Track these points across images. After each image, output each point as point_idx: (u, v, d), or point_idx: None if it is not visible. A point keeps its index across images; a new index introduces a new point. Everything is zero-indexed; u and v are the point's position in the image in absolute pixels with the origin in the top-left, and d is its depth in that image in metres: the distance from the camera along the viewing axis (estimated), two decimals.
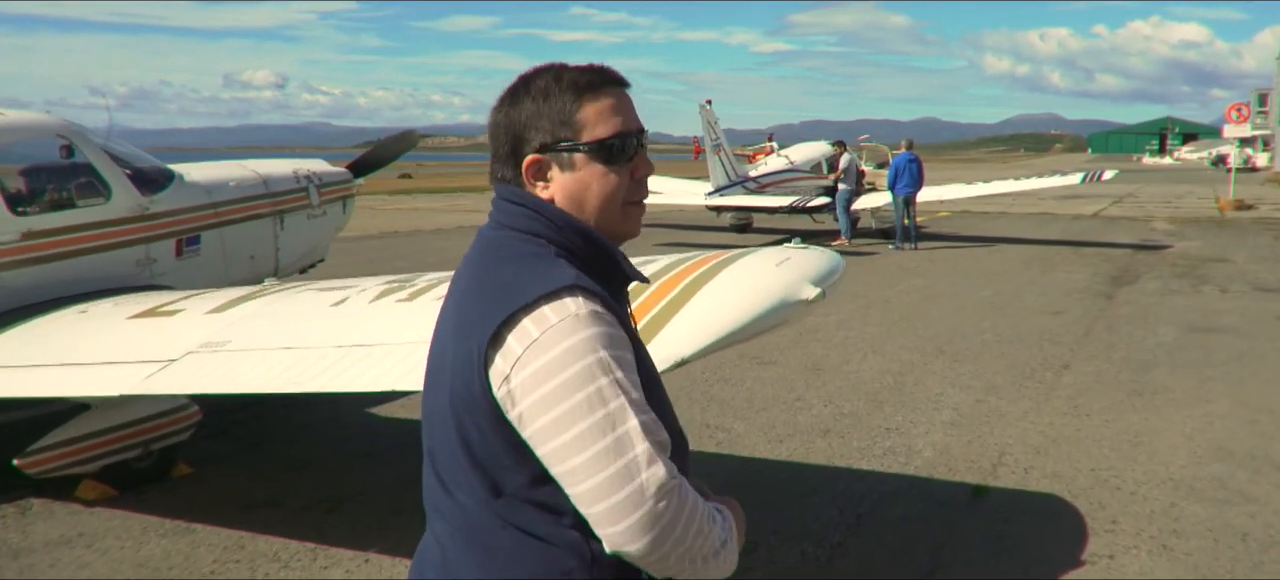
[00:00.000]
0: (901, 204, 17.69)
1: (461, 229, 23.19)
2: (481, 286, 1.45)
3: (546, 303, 1.35)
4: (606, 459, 1.31)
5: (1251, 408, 6.82)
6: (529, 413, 1.34)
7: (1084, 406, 6.89)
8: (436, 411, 1.48)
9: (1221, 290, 12.61)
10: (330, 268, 14.77)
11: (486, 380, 1.37)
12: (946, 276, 13.99)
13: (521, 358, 1.33)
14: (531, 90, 1.51)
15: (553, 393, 1.32)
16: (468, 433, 1.41)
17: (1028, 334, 9.56)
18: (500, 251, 1.49)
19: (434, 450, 1.51)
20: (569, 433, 1.32)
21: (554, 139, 1.48)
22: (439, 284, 4.18)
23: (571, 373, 1.32)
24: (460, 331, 1.43)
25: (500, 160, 1.54)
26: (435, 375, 1.51)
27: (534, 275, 1.39)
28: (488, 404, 1.37)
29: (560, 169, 1.49)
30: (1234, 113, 29.32)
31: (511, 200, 1.52)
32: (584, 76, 1.51)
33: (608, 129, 1.49)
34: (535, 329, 1.34)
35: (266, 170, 7.49)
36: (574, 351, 1.32)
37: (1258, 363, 8.23)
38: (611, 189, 1.50)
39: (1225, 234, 20.72)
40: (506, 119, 1.51)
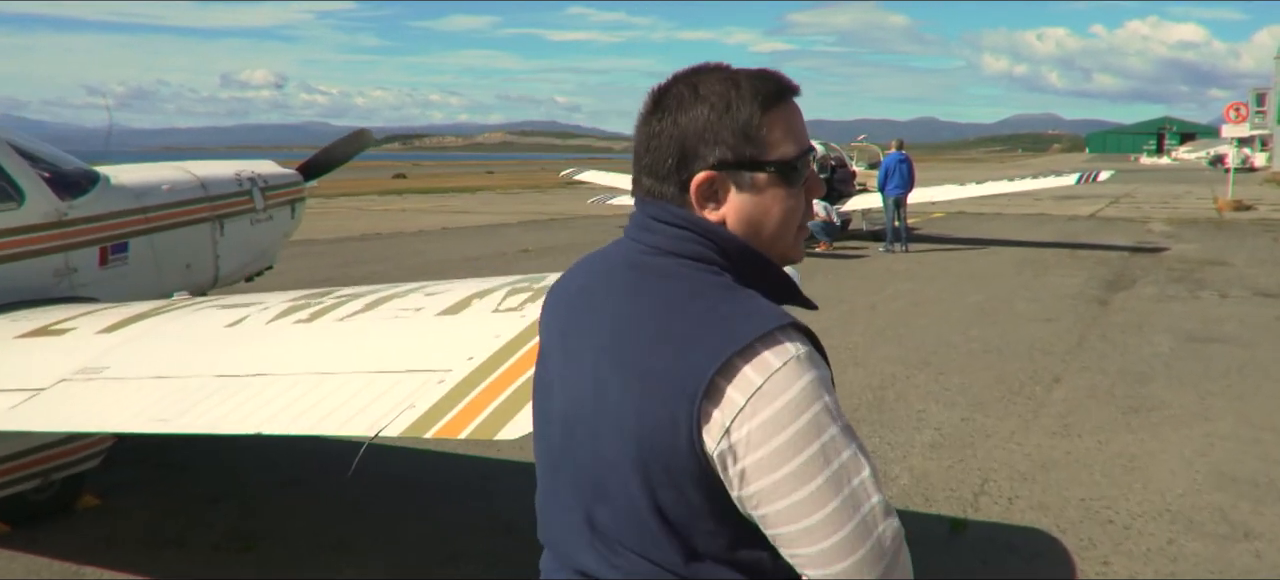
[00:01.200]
0: (892, 205, 17.26)
1: (445, 230, 22.75)
2: (670, 324, 1.25)
3: (765, 346, 1.20)
4: (845, 514, 1.19)
5: (1254, 426, 6.37)
6: (754, 469, 1.19)
7: (1075, 425, 6.43)
8: (602, 467, 1.29)
9: (1221, 295, 12.17)
10: (296, 273, 14.38)
11: (698, 436, 1.20)
12: (936, 281, 13.53)
13: (744, 409, 1.19)
14: (705, 97, 1.32)
15: (784, 446, 1.18)
16: (660, 492, 1.24)
17: (1018, 344, 9.11)
18: (675, 284, 1.29)
19: (593, 513, 1.32)
20: (805, 489, 1.18)
21: (737, 156, 1.31)
22: (348, 301, 3.72)
23: (801, 424, 1.19)
24: (647, 377, 1.23)
25: (657, 175, 1.34)
26: (594, 426, 1.30)
27: (740, 312, 1.24)
28: (695, 461, 1.21)
29: (737, 190, 1.32)
30: (1232, 112, 28.89)
31: (674, 222, 1.32)
32: (766, 84, 1.34)
33: (793, 148, 1.34)
34: (757, 377, 1.19)
35: (205, 172, 7.02)
36: (801, 400, 1.19)
37: (1260, 375, 7.78)
38: (792, 213, 1.36)
39: (1223, 236, 20.29)
40: (674, 128, 1.32)
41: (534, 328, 2.97)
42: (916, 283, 13.35)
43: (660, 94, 1.35)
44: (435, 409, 2.56)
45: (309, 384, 2.90)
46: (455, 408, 2.55)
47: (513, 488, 5.32)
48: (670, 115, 1.32)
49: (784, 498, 1.19)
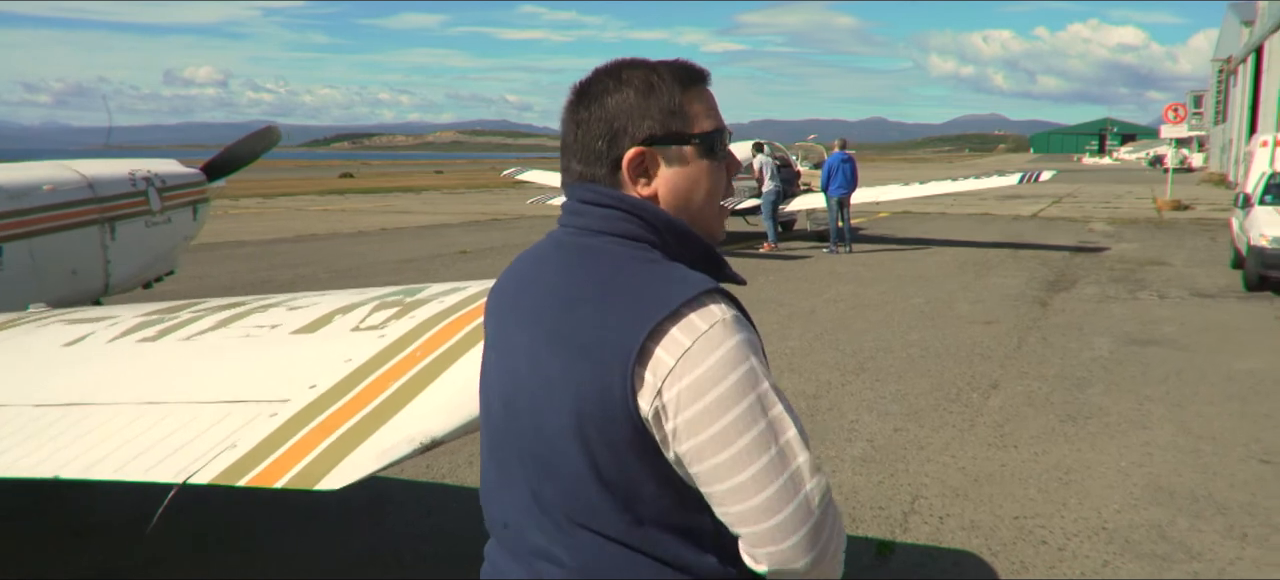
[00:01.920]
0: (835, 205, 17.08)
1: (384, 232, 22.20)
2: (601, 296, 1.28)
3: (692, 309, 1.24)
4: (773, 472, 1.22)
5: (1193, 434, 6.19)
6: (685, 428, 1.22)
7: (1012, 435, 6.20)
8: (543, 442, 1.31)
9: (1160, 296, 12.12)
10: (218, 277, 13.86)
11: (633, 400, 1.22)
12: (878, 282, 13.35)
13: (675, 369, 1.21)
14: (629, 82, 1.38)
15: (713, 405, 1.21)
16: (599, 457, 1.26)
17: (958, 347, 8.91)
18: (604, 259, 1.33)
19: (539, 489, 1.33)
20: (733, 446, 1.21)
21: (664, 130, 1.36)
22: (205, 316, 3.32)
23: (730, 383, 1.22)
24: (581, 348, 1.26)
25: (587, 159, 1.38)
26: (533, 402, 1.32)
27: (669, 281, 1.27)
28: (631, 426, 1.24)
29: (666, 164, 1.37)
30: (1170, 113, 29.23)
31: (603, 201, 1.36)
32: (683, 69, 1.40)
33: (712, 122, 1.40)
34: (685, 338, 1.22)
35: (93, 171, 6.54)
36: (729, 360, 1.22)
37: (1197, 380, 7.64)
38: (715, 186, 1.41)
39: (1163, 235, 20.44)
40: (602, 112, 1.36)
41: (393, 348, 2.61)
42: (858, 284, 13.16)
43: (584, 86, 1.40)
44: (258, 450, 2.20)
45: (128, 417, 2.52)
46: (280, 448, 2.18)
47: (404, 512, 4.95)
48: (597, 102, 1.36)
49: (714, 456, 1.21)
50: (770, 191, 17.82)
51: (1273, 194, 13.59)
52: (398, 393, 2.31)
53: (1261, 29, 44.37)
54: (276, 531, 4.69)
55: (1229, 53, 58.04)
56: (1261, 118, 40.57)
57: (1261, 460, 5.69)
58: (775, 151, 20.52)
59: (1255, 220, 12.56)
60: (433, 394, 2.29)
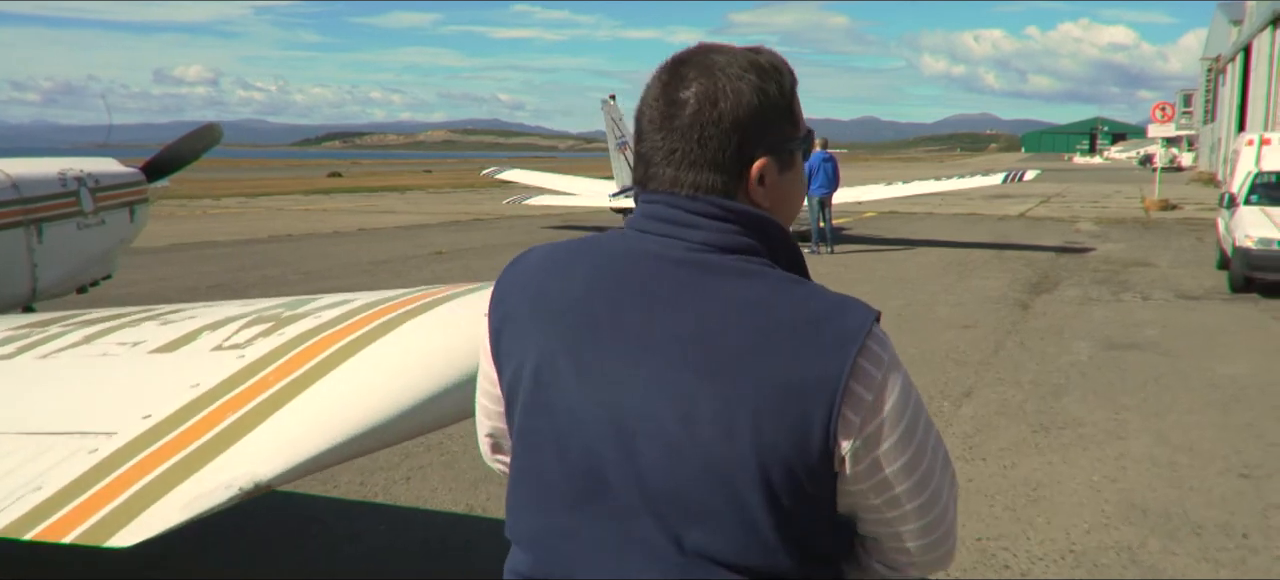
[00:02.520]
0: (816, 205, 16.79)
1: (362, 232, 21.86)
2: (770, 327, 1.17)
3: (871, 339, 1.19)
4: (950, 489, 1.27)
5: (1170, 446, 5.92)
6: (881, 460, 1.19)
7: (981, 446, 5.92)
8: (693, 485, 1.18)
9: (1143, 298, 11.87)
10: (181, 279, 13.50)
11: (835, 437, 1.16)
12: (858, 284, 13.08)
13: (872, 404, 1.17)
14: (746, 79, 1.24)
15: (906, 434, 1.20)
16: (783, 497, 1.17)
17: (933, 353, 8.63)
18: (745, 280, 1.21)
19: (683, 536, 1.19)
20: (919, 470, 1.22)
21: (784, 136, 1.28)
22: (73, 329, 3.02)
23: (912, 404, 1.21)
24: (753, 384, 1.15)
25: (708, 165, 1.24)
26: (673, 442, 1.18)
27: (837, 308, 1.21)
28: (823, 459, 1.17)
29: (780, 172, 1.28)
30: (1158, 112, 29.03)
31: (724, 216, 1.24)
32: (784, 62, 1.30)
33: (804, 121, 1.34)
34: (875, 370, 1.18)
35: (19, 171, 6.21)
36: (906, 385, 1.21)
37: (1178, 387, 7.37)
38: (805, 191, 1.39)
39: (1150, 236, 20.22)
40: (733, 113, 1.23)
41: (246, 372, 2.30)
42: (838, 286, 12.46)
43: (680, 82, 1.25)
44: (62, 494, 1.90)
45: (32, 446, 2.21)
46: (86, 492, 1.88)
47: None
48: (722, 102, 1.23)
49: (905, 481, 1.21)
50: None
51: (1258, 194, 13.36)
52: (234, 425, 2.02)
53: (1249, 28, 44.30)
54: (188, 557, 4.39)
55: (1218, 52, 58.01)
56: (1250, 116, 40.47)
57: (1241, 474, 5.42)
58: None
59: (1240, 221, 12.33)
60: (272, 427, 2.00)
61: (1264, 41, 39.70)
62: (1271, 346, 8.88)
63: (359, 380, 2.14)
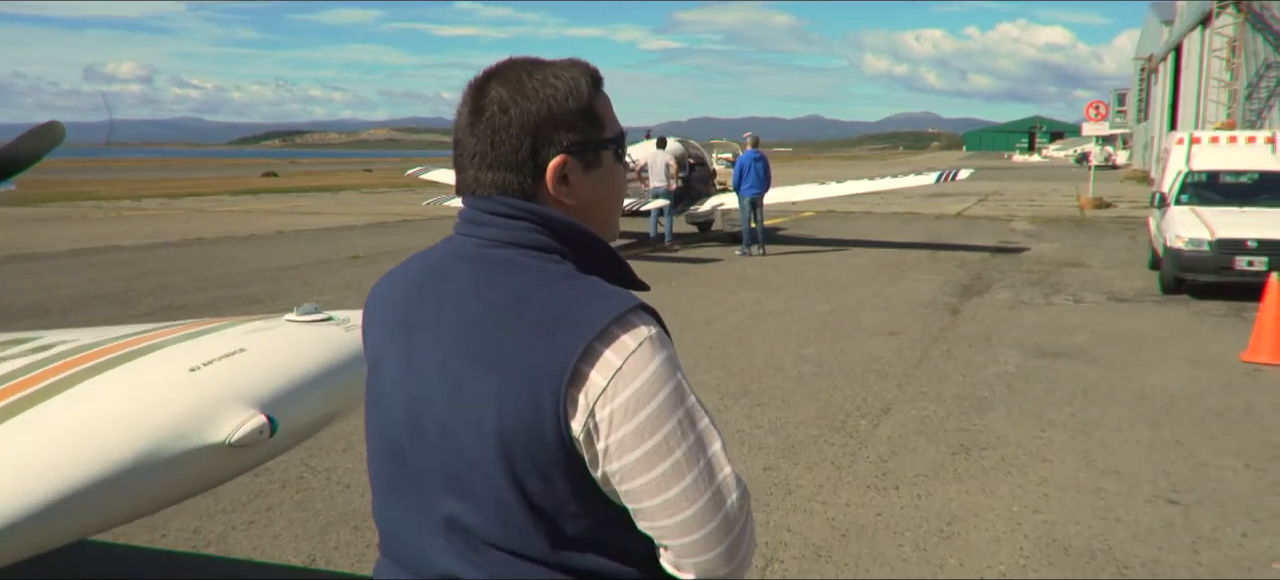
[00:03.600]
0: (747, 206, 16.36)
1: (280, 234, 20.97)
2: (524, 315, 1.24)
3: (620, 328, 1.23)
4: (702, 486, 1.24)
5: (1096, 468, 5.50)
6: (618, 446, 1.21)
7: (896, 472, 5.45)
8: (460, 464, 1.26)
9: (1075, 301, 11.58)
10: (73, 286, 12.55)
11: (566, 421, 1.21)
12: (786, 288, 12.64)
13: (607, 390, 1.20)
14: (543, 84, 1.31)
15: (645, 423, 1.21)
16: (527, 482, 1.23)
17: (855, 363, 8.18)
18: (520, 274, 1.28)
19: (454, 513, 1.28)
20: (665, 463, 1.22)
21: (584, 137, 1.33)
22: None
23: (660, 400, 1.22)
24: (506, 370, 1.22)
25: (502, 165, 1.31)
26: (447, 424, 1.26)
27: (592, 298, 1.25)
28: (561, 447, 1.22)
29: (584, 170, 1.33)
30: (1092, 111, 29.13)
31: (512, 213, 1.30)
32: (589, 70, 1.36)
33: (617, 125, 1.39)
34: (616, 358, 1.21)
35: None
36: (658, 377, 1.22)
37: (1106, 400, 6.99)
38: (622, 189, 1.42)
39: (1084, 235, 20.13)
40: (521, 116, 1.29)
41: None
42: (764, 291, 12.42)
43: (486, 90, 1.32)
44: None
45: None
46: None
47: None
48: (515, 106, 1.30)
49: (646, 472, 1.22)
50: (661, 190, 17.16)
51: (1188, 193, 13.16)
52: None
53: (1180, 28, 44.99)
54: None
55: (1150, 52, 58.96)
56: (1181, 115, 41.06)
57: (1170, 500, 5.01)
58: (690, 149, 19.80)
59: (1171, 221, 12.10)
60: None
61: (1194, 41, 40.30)
62: (1201, 354, 8.57)
63: (26, 449, 1.55)
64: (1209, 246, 11.27)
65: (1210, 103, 36.54)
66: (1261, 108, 34.30)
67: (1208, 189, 13.35)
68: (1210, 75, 36.85)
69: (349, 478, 5.31)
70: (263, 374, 1.88)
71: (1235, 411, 6.70)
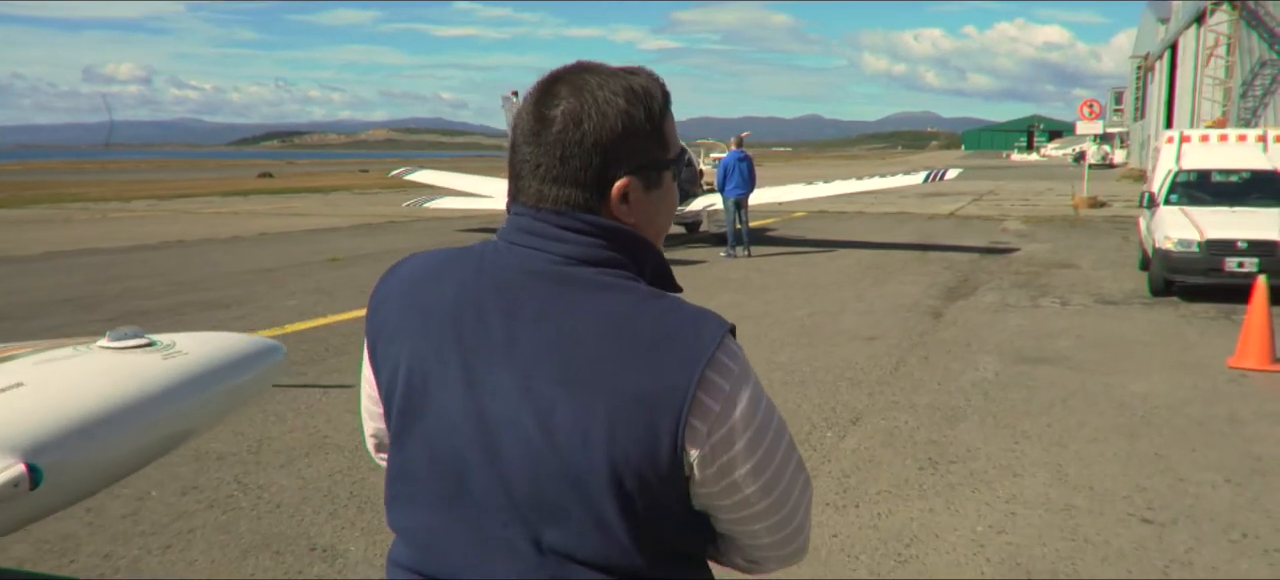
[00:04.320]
0: (732, 206, 16.10)
1: (263, 236, 20.71)
2: (624, 338, 1.22)
3: (722, 352, 1.23)
4: (800, 494, 1.31)
5: (1068, 484, 5.24)
6: (728, 466, 1.23)
7: (857, 489, 5.19)
8: (552, 488, 1.23)
9: (1062, 303, 11.33)
10: (22, 293, 12.23)
11: (683, 445, 1.21)
12: (768, 291, 12.38)
13: (719, 413, 1.22)
14: (614, 101, 1.28)
15: (753, 441, 1.24)
16: (634, 501, 1.22)
17: (828, 370, 7.92)
18: (605, 294, 1.25)
19: (541, 536, 1.25)
20: (781, 485, 1.28)
21: (651, 159, 1.32)
22: None
23: (761, 417, 1.25)
24: (614, 395, 1.20)
25: (571, 181, 1.28)
26: (533, 447, 1.23)
27: (690, 321, 1.25)
28: (674, 467, 1.22)
29: (646, 190, 1.32)
30: (1086, 110, 28.83)
31: (591, 230, 1.28)
32: (657, 83, 1.34)
33: (679, 144, 1.39)
34: (724, 382, 1.22)
35: None
36: (756, 395, 1.25)
37: (1085, 410, 6.72)
38: (675, 207, 1.41)
39: (1076, 235, 19.88)
40: (594, 131, 1.27)
41: None
42: (745, 294, 12.17)
43: (554, 99, 1.28)
44: None
45: None
46: None
47: None
48: (586, 122, 1.27)
49: (753, 485, 1.25)
50: None
51: (1178, 193, 12.90)
52: None
53: (1176, 26, 44.74)
54: None
55: (1147, 50, 58.71)
56: (1177, 112, 40.82)
57: (1143, 519, 4.75)
58: None
59: (1161, 221, 11.85)
60: None
61: (1189, 38, 40.06)
62: (1186, 359, 8.32)
63: None
64: (1198, 247, 11.01)
65: (1205, 101, 36.31)
66: (1256, 105, 34.04)
67: (1198, 188, 13.09)
68: (1205, 73, 36.61)
69: (282, 496, 5.05)
70: (34, 415, 1.63)
71: (1218, 421, 6.44)
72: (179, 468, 5.47)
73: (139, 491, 5.10)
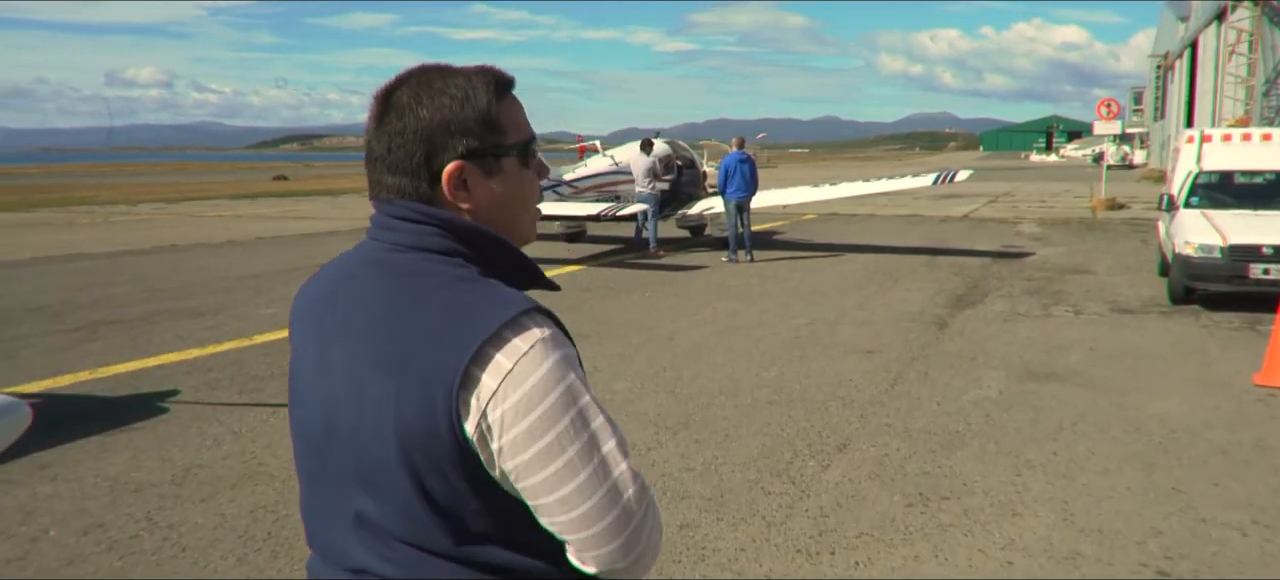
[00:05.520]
0: (733, 209, 15.53)
1: (259, 240, 20.30)
2: (420, 318, 1.27)
3: (512, 331, 1.24)
4: (597, 483, 1.26)
5: (1075, 526, 4.66)
6: (511, 447, 1.24)
7: (835, 531, 4.62)
8: (367, 463, 1.30)
9: (1075, 312, 10.71)
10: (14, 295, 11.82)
11: (458, 422, 1.23)
12: (766, 298, 11.81)
13: (498, 392, 1.23)
14: (442, 92, 1.34)
15: (536, 424, 1.23)
16: (427, 480, 1.26)
17: (819, 387, 7.35)
18: (419, 278, 1.31)
19: (363, 509, 1.32)
20: (557, 462, 1.25)
21: (482, 144, 1.35)
22: None
23: (551, 401, 1.24)
24: (402, 372, 1.25)
25: (399, 170, 1.35)
26: (355, 424, 1.30)
27: (486, 301, 1.27)
28: (456, 447, 1.24)
29: (484, 176, 1.36)
30: (1103, 109, 28.05)
31: (416, 218, 1.34)
32: (494, 76, 1.39)
33: (525, 131, 1.41)
34: (506, 360, 1.23)
35: None
36: (550, 378, 1.24)
37: (1096, 434, 6.13)
38: (530, 194, 1.44)
39: (1093, 238, 19.21)
40: (417, 124, 1.33)
41: None
42: (742, 301, 11.60)
43: (391, 95, 1.36)
44: None
45: None
46: None
47: None
48: (410, 113, 1.33)
49: (540, 471, 1.24)
50: (643, 195, 16.41)
51: (1199, 195, 12.24)
52: None
53: (1195, 24, 43.83)
54: None
55: (1166, 49, 57.69)
56: (1197, 111, 39.94)
57: (1159, 571, 4.17)
58: (679, 151, 19.00)
59: (1181, 225, 11.20)
60: None
61: (1209, 37, 39.18)
62: (1208, 376, 7.70)
63: None
64: (1221, 253, 10.37)
65: (1226, 99, 35.44)
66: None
67: (1220, 191, 12.41)
68: (1226, 71, 35.74)
69: (191, 537, 4.53)
70: None
71: (1243, 448, 5.84)
72: (90, 501, 4.98)
73: (39, 529, 4.62)
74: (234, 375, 7.83)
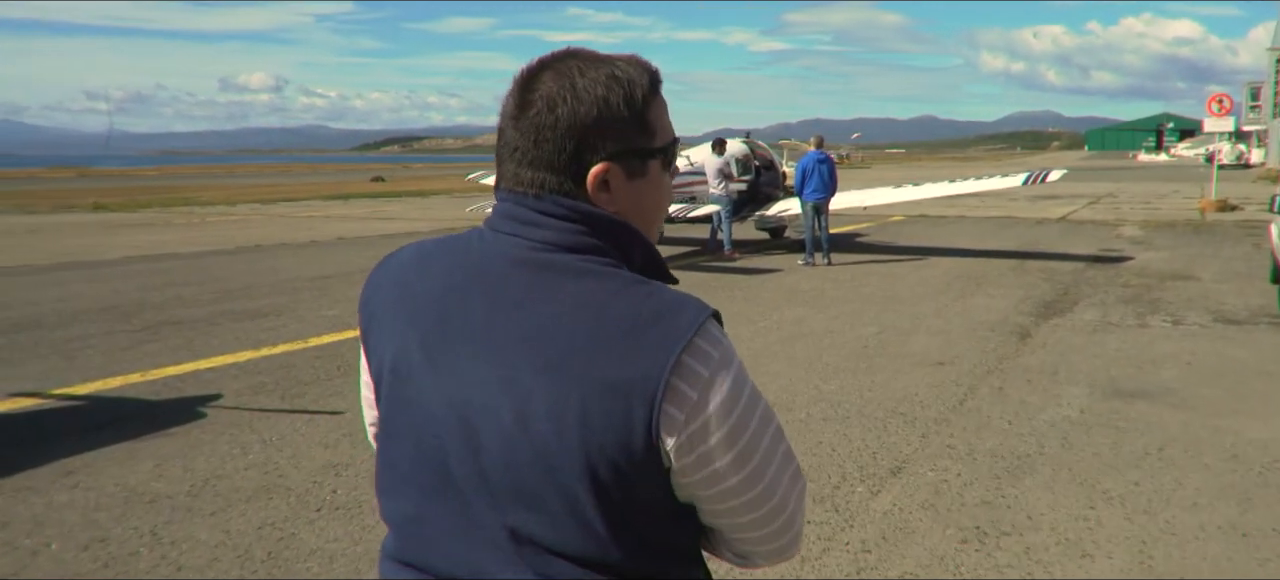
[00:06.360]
0: (810, 211, 15.01)
1: (342, 240, 20.54)
2: (603, 325, 1.19)
3: (701, 337, 1.19)
4: (787, 484, 1.27)
5: (1153, 572, 4.11)
6: (708, 455, 1.20)
7: (872, 569, 4.17)
8: (529, 477, 1.21)
9: (1174, 322, 9.93)
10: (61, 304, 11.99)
11: (658, 434, 1.17)
12: (838, 304, 11.29)
13: (697, 401, 1.18)
14: (593, 86, 1.25)
15: (735, 429, 1.20)
16: (610, 492, 1.19)
17: (882, 401, 6.86)
18: (584, 281, 1.23)
19: (518, 525, 1.23)
20: (751, 464, 1.22)
21: (631, 146, 1.28)
22: None
23: (743, 404, 1.21)
24: (589, 382, 1.17)
25: (543, 165, 1.26)
26: (511, 436, 1.21)
27: (672, 308, 1.21)
28: (652, 458, 1.19)
29: (627, 178, 1.28)
30: (1214, 105, 26.49)
31: (570, 216, 1.25)
32: (647, 72, 1.30)
33: (670, 133, 1.35)
34: (702, 368, 1.18)
35: None
36: (738, 381, 1.21)
37: (1186, 462, 5.52)
38: (668, 199, 1.38)
39: (1199, 241, 18.06)
40: (569, 117, 1.24)
41: None
42: (813, 307, 11.11)
43: (534, 83, 1.27)
44: None
45: None
46: None
47: None
48: (562, 106, 1.25)
49: (736, 474, 1.22)
50: (721, 196, 15.97)
51: None
52: None
53: None
54: None
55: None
56: None
57: None
58: (758, 152, 18.51)
59: None
60: None
61: None
62: None
63: None
64: None
65: None
66: None
67: None
68: None
69: (190, 556, 4.33)
70: None
71: None
72: (101, 512, 4.84)
73: (43, 541, 4.48)
74: (280, 379, 7.71)
